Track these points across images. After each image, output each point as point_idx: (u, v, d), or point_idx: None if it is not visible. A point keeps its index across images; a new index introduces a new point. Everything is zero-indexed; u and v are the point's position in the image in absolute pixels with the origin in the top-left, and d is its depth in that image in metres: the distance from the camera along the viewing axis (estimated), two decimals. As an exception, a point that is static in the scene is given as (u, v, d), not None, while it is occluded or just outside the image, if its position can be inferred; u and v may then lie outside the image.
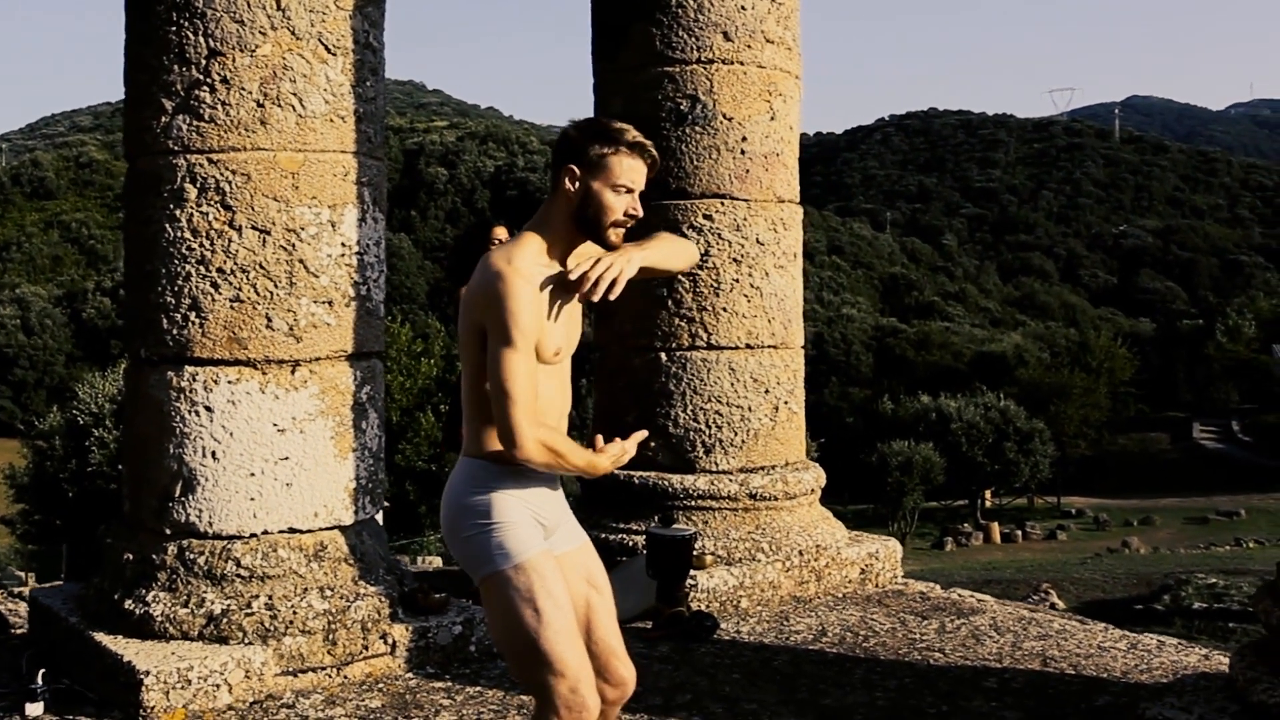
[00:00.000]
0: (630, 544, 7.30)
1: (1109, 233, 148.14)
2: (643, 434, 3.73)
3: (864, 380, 79.09)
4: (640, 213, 3.66)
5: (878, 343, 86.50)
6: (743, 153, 7.77)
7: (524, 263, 3.51)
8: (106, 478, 28.21)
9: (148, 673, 5.29)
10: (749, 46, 7.79)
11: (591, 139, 3.62)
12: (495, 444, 3.52)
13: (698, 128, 7.71)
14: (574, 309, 3.70)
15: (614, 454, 3.65)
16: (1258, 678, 4.71)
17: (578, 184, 3.60)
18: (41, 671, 5.57)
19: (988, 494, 62.12)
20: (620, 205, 3.60)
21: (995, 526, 54.31)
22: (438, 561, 21.37)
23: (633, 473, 7.67)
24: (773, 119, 7.90)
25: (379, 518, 6.50)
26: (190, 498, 5.80)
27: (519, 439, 3.41)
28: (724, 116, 7.73)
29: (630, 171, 3.60)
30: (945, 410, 58.70)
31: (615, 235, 3.63)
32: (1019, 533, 53.66)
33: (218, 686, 5.43)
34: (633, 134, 3.64)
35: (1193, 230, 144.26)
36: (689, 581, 7.03)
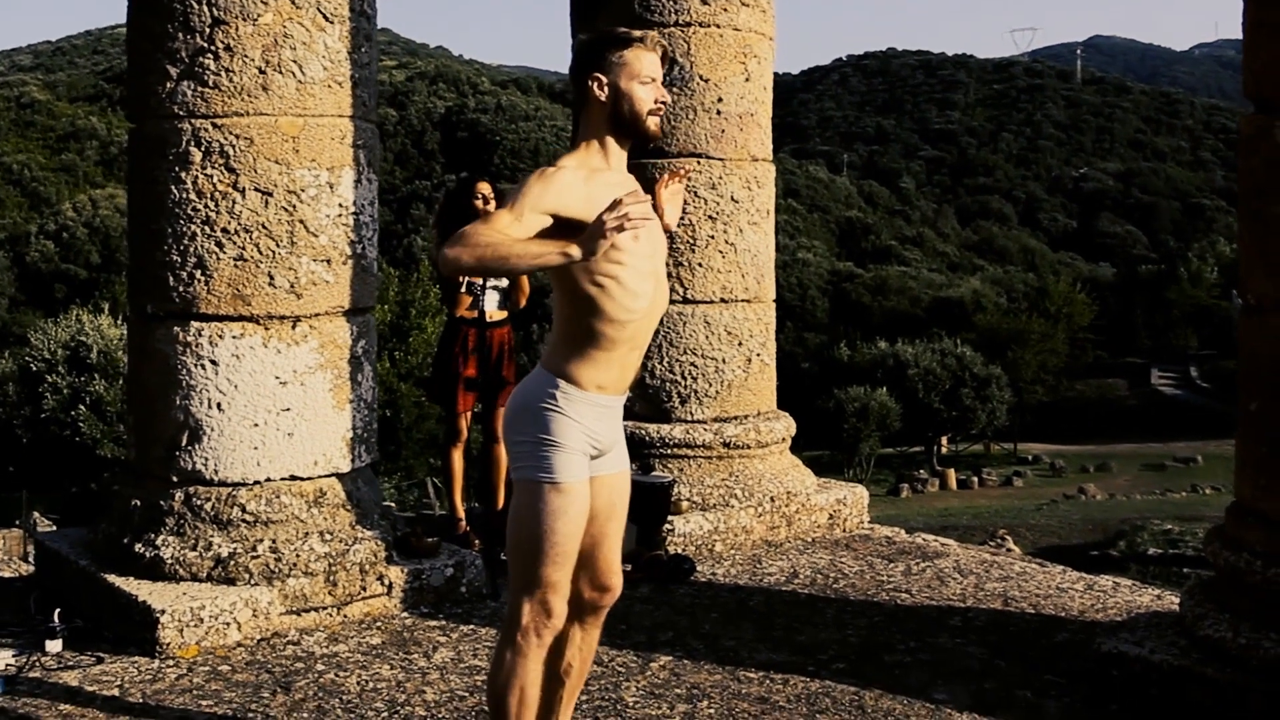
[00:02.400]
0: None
1: (1069, 176, 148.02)
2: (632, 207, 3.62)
3: (820, 326, 79.24)
4: (668, 99, 3.96)
5: (834, 288, 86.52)
6: (718, 113, 8.04)
7: (570, 162, 3.84)
8: (61, 424, 28.40)
9: (163, 611, 5.60)
10: (725, 10, 8.06)
11: (606, 46, 3.90)
12: (573, 366, 3.80)
13: (675, 89, 7.97)
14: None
15: (592, 230, 3.60)
16: (1205, 614, 5.07)
17: (606, 89, 3.87)
18: (58, 611, 5.86)
19: (944, 440, 62.62)
20: (649, 95, 3.88)
21: (951, 473, 54.84)
22: (392, 508, 21.62)
23: (611, 422, 7.98)
24: (747, 80, 8.18)
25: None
26: (196, 447, 6.09)
27: (444, 263, 3.62)
28: (700, 78, 8.00)
29: (649, 64, 3.89)
30: (902, 356, 59.04)
31: (653, 123, 3.91)
32: (975, 479, 54.21)
33: (228, 625, 5.74)
34: (639, 31, 3.95)
35: (1154, 173, 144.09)
36: (666, 526, 7.37)
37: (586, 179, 3.78)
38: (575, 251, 3.58)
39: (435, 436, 30.76)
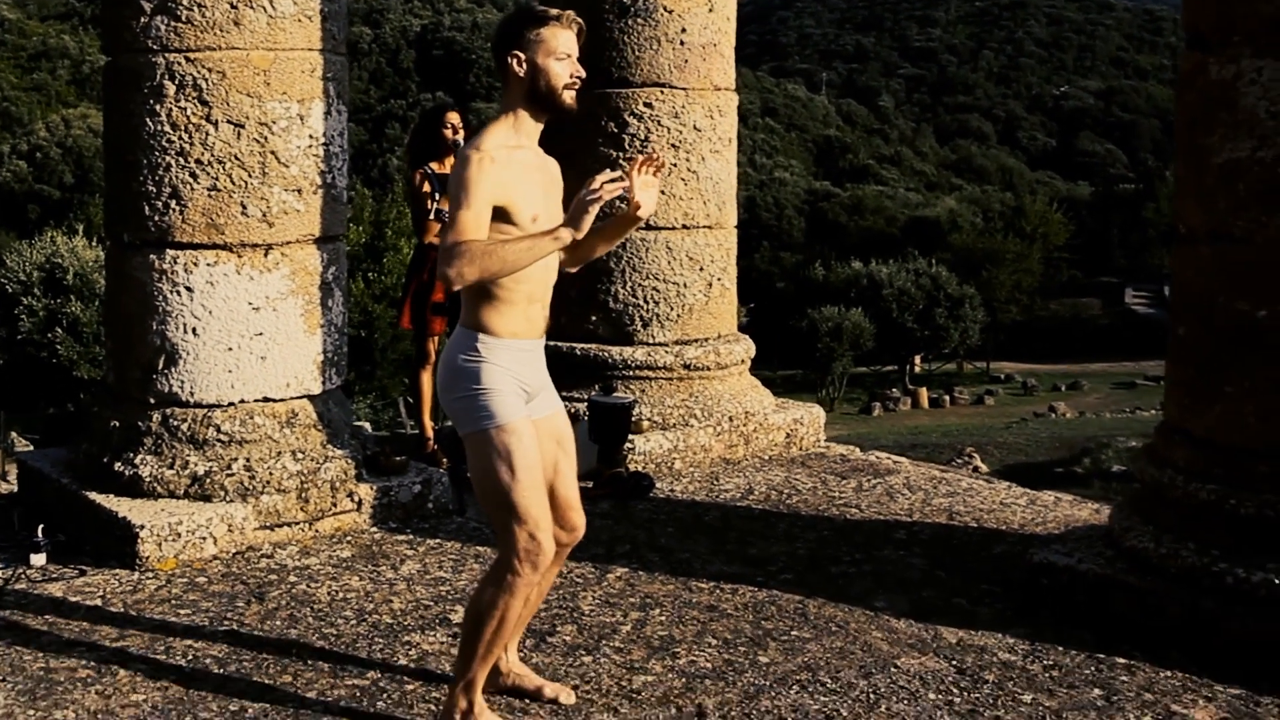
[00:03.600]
0: (573, 411, 7.86)
1: (1050, 94, 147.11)
2: (606, 182, 3.92)
3: (796, 245, 79.03)
4: (583, 73, 4.17)
5: (810, 207, 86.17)
6: (682, 43, 8.23)
7: (490, 144, 4.03)
8: (37, 345, 28.55)
9: (143, 526, 5.89)
10: (688, -59, 8.24)
11: (524, 25, 4.12)
12: (486, 318, 4.05)
13: (639, 20, 8.16)
14: (551, 185, 4.22)
15: (575, 205, 3.90)
16: (1131, 526, 5.37)
17: (525, 65, 4.10)
18: (40, 526, 6.13)
19: (917, 359, 62.92)
20: (565, 70, 4.11)
21: (923, 392, 55.12)
22: (367, 427, 21.83)
23: (575, 345, 8.24)
24: (711, 10, 8.36)
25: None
26: (173, 370, 6.34)
27: (447, 281, 3.88)
28: (664, 9, 8.18)
29: (565, 41, 4.11)
30: (877, 276, 59.16)
31: (569, 96, 4.13)
32: (947, 398, 54.52)
33: (204, 539, 6.02)
34: (555, 10, 4.17)
35: (1135, 91, 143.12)
36: (627, 445, 7.65)
37: (507, 162, 4.00)
38: (565, 235, 3.89)
39: (409, 356, 30.97)
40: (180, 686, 4.58)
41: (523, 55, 4.07)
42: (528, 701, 4.44)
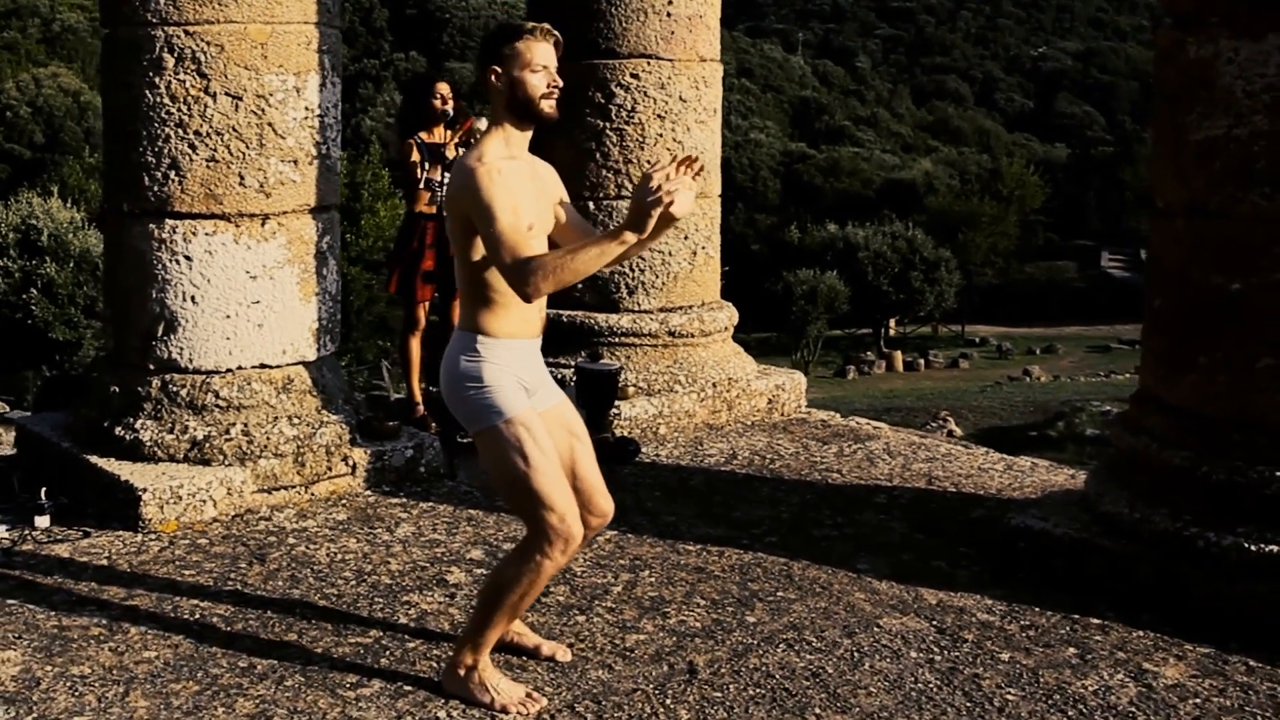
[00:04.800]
0: (560, 377, 7.99)
1: (1028, 55, 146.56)
2: (667, 168, 3.93)
3: (771, 207, 78.78)
4: (560, 83, 4.30)
5: (786, 169, 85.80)
6: (668, 15, 8.35)
7: (490, 156, 4.17)
8: (12, 306, 28.54)
9: (145, 489, 6.05)
10: (674, -87, 8.35)
11: (501, 40, 4.26)
12: (484, 320, 4.18)
13: (626, -9, 8.28)
14: (544, 193, 4.37)
15: (637, 206, 3.89)
16: (1106, 492, 5.54)
17: (503, 79, 4.23)
18: (43, 489, 6.26)
19: (892, 323, 62.98)
20: (542, 81, 4.23)
21: (898, 355, 55.20)
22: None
23: (562, 312, 8.38)
24: (695, -18, 8.48)
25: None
26: (172, 337, 6.48)
27: (526, 299, 4.01)
28: (650, -19, 8.30)
29: (541, 53, 4.24)
30: (852, 239, 59.09)
31: (548, 105, 4.26)
32: (921, 361, 54.63)
33: (204, 502, 6.18)
34: (531, 24, 4.30)
35: (1114, 53, 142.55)
36: (613, 410, 7.81)
37: (508, 172, 4.13)
38: (630, 237, 3.93)
39: (384, 319, 31.03)
40: (190, 644, 4.75)
41: (500, 69, 4.20)
42: (525, 658, 4.61)
